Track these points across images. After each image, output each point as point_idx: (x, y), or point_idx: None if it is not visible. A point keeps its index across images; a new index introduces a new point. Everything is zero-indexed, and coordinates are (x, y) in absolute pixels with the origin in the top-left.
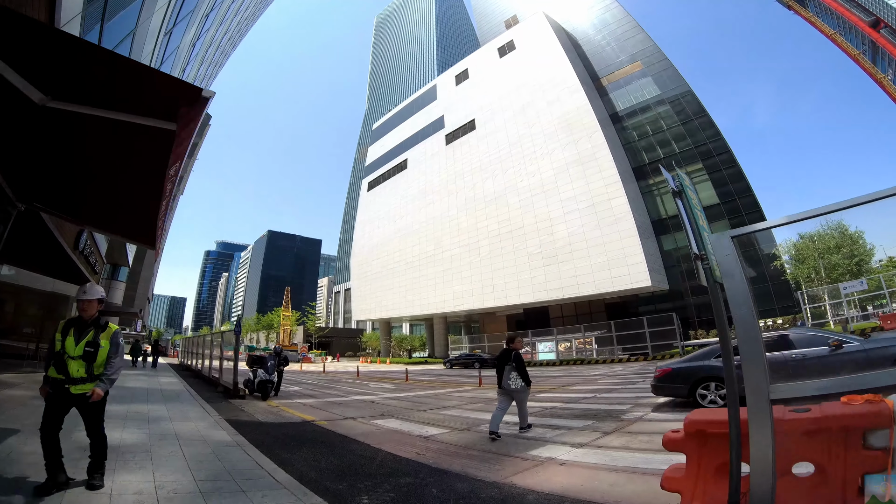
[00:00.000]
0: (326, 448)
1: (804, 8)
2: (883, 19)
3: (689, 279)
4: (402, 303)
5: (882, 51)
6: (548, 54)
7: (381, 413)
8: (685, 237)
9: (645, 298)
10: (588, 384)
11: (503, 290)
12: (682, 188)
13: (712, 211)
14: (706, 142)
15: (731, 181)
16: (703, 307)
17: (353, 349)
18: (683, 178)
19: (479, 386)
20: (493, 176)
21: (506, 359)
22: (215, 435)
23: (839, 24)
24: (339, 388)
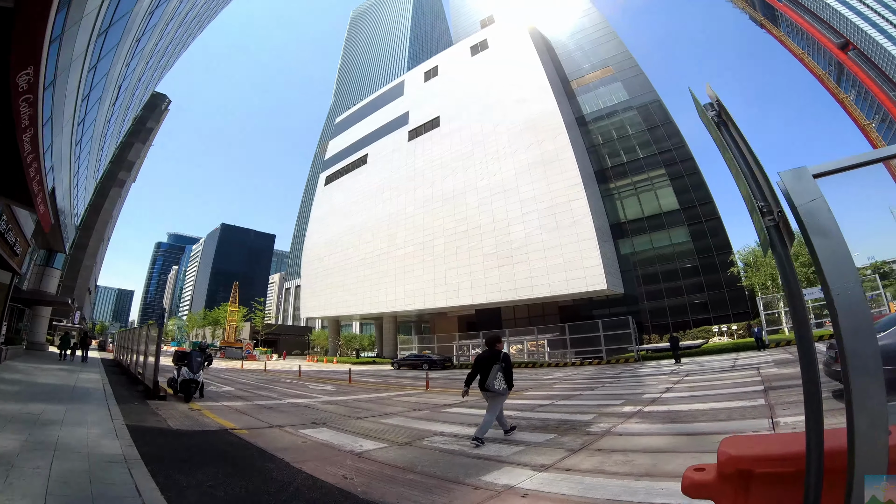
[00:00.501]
0: (235, 468)
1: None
2: (852, 42)
3: (644, 284)
4: (352, 300)
5: (847, 72)
6: (520, 55)
7: (313, 420)
8: (643, 241)
9: (599, 302)
10: (543, 389)
11: (455, 290)
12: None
13: (672, 216)
14: (671, 148)
15: (693, 188)
16: (657, 312)
17: (300, 347)
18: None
19: (427, 389)
20: (453, 174)
21: (494, 359)
22: (105, 446)
23: (808, 45)
24: (275, 390)
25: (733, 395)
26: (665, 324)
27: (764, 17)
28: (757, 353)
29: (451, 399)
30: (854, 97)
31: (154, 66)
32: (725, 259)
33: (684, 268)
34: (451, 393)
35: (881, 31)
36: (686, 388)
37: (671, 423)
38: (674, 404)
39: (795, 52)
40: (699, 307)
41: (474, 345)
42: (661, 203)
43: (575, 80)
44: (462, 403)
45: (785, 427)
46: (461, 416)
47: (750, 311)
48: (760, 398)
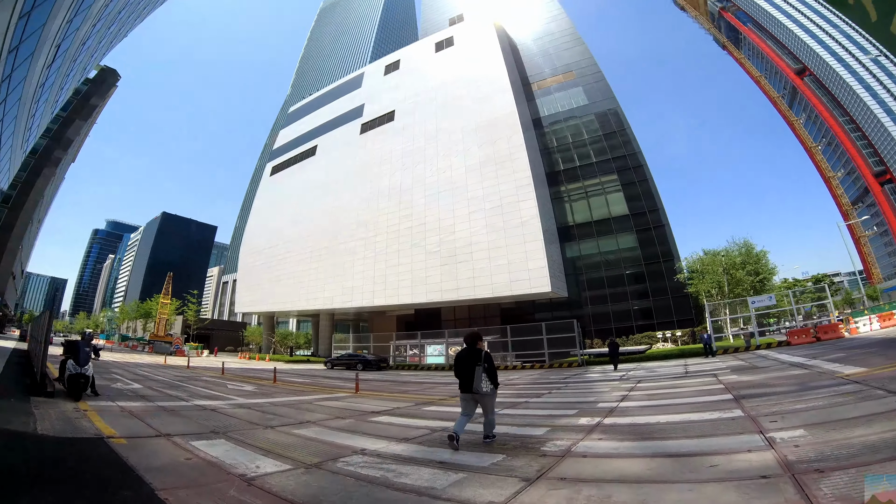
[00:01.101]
0: (78, 494)
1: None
2: (810, 68)
3: (589, 288)
4: (288, 296)
5: (801, 97)
6: (485, 54)
7: (212, 429)
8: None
9: (542, 305)
10: None
11: (396, 289)
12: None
13: (621, 222)
14: (624, 155)
15: (643, 196)
16: (600, 317)
17: (234, 344)
18: None
19: (356, 393)
20: (402, 169)
21: (475, 359)
22: None
23: (766, 68)
24: (188, 389)
25: (701, 405)
26: (608, 328)
27: (727, 40)
28: (705, 359)
29: (383, 405)
30: (804, 120)
31: (102, 32)
32: (671, 266)
33: (630, 273)
34: (384, 397)
35: (838, 59)
36: (644, 397)
37: (642, 439)
38: (636, 415)
39: (753, 75)
40: (643, 313)
41: (412, 345)
42: (610, 208)
43: (536, 83)
44: (393, 411)
45: (783, 444)
46: (390, 427)
47: (694, 318)
48: (735, 408)
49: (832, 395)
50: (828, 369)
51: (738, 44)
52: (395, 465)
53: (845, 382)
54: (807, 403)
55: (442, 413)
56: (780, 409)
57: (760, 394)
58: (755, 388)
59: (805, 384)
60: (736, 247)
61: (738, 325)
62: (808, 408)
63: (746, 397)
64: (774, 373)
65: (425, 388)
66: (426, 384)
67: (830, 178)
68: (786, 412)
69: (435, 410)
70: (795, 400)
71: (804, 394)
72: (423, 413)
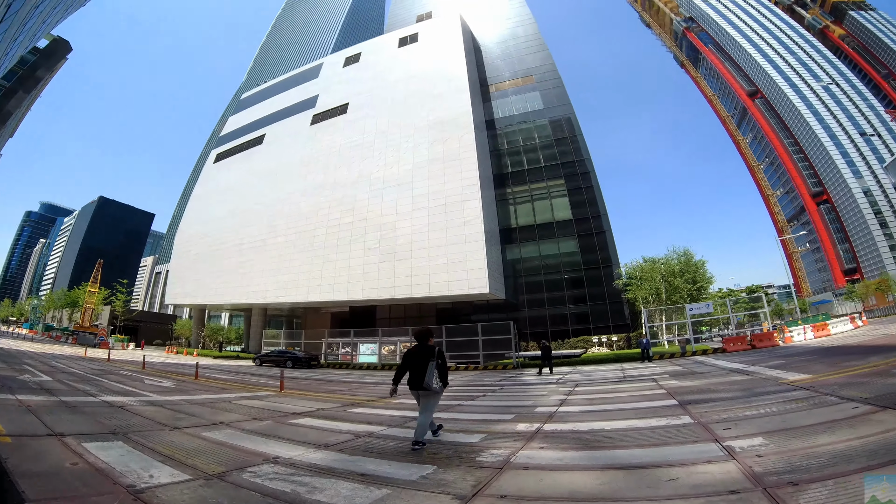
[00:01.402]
0: None
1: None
2: (762, 91)
3: (527, 291)
4: (221, 289)
5: (750, 117)
6: (447, 53)
7: (113, 428)
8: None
9: (479, 307)
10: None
11: (331, 285)
12: None
13: (564, 226)
14: (573, 161)
15: (588, 202)
16: (537, 320)
17: (164, 337)
18: None
19: (280, 392)
20: (349, 163)
21: (428, 355)
22: None
23: (720, 88)
24: (100, 384)
25: (645, 410)
26: (544, 332)
27: (686, 59)
28: (642, 364)
29: (306, 406)
30: (750, 140)
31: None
32: (610, 272)
33: (569, 278)
34: (309, 397)
35: (790, 84)
36: (584, 401)
37: (588, 448)
38: (578, 421)
39: (706, 93)
40: (580, 317)
41: (345, 343)
42: (554, 213)
43: (494, 85)
44: (316, 413)
45: (744, 454)
46: (310, 431)
47: (630, 324)
48: (682, 415)
49: (782, 401)
50: (770, 375)
51: (697, 63)
52: (309, 476)
53: (792, 388)
54: (757, 410)
55: (369, 416)
56: (732, 416)
57: (706, 399)
58: (699, 394)
59: (751, 390)
60: (676, 255)
61: (672, 332)
62: (760, 414)
63: (692, 403)
64: (716, 378)
65: (354, 389)
66: (356, 384)
67: (769, 196)
68: (738, 419)
69: (362, 413)
70: (745, 406)
71: (752, 400)
72: (349, 416)
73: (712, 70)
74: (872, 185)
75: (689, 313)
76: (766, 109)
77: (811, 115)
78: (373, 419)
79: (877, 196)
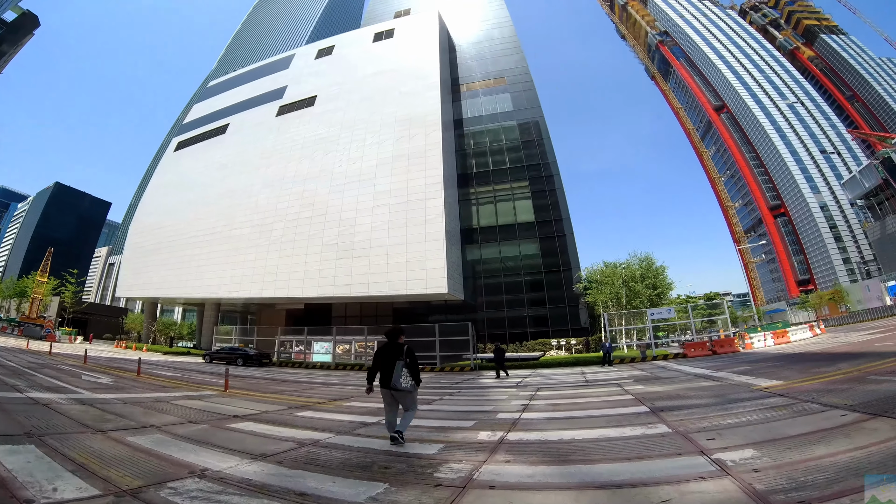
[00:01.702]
0: None
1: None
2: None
3: (486, 292)
4: (174, 282)
5: (714, 131)
6: (422, 49)
7: (29, 429)
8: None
9: (436, 307)
10: (368, 401)
11: (287, 281)
12: None
13: (526, 228)
14: (538, 164)
15: (552, 206)
16: (495, 322)
17: (115, 331)
18: None
19: (225, 391)
20: (312, 156)
21: (396, 354)
22: None
23: (688, 101)
24: (32, 378)
25: (616, 418)
26: (502, 334)
27: (657, 71)
28: (602, 368)
29: (250, 408)
30: (713, 153)
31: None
32: (571, 275)
33: (528, 280)
34: (255, 398)
35: (757, 101)
36: (548, 407)
37: (560, 462)
38: (545, 430)
39: (674, 106)
40: (539, 320)
41: (298, 341)
42: (517, 214)
43: (466, 84)
44: (259, 416)
45: (738, 468)
46: (249, 437)
47: (589, 328)
48: (657, 423)
49: (760, 408)
50: (740, 381)
51: (667, 76)
52: (237, 495)
53: (768, 395)
54: (738, 418)
55: (316, 421)
56: (712, 425)
57: (678, 406)
58: (670, 400)
59: (724, 396)
60: (637, 260)
61: (631, 337)
62: (741, 423)
63: (665, 410)
64: (684, 384)
65: (304, 389)
66: (306, 384)
67: (728, 208)
68: (719, 428)
69: (309, 417)
70: (722, 414)
71: (729, 407)
72: (294, 420)
73: (681, 83)
74: (829, 201)
75: (651, 318)
76: (731, 124)
77: (774, 132)
78: (320, 424)
79: (833, 211)
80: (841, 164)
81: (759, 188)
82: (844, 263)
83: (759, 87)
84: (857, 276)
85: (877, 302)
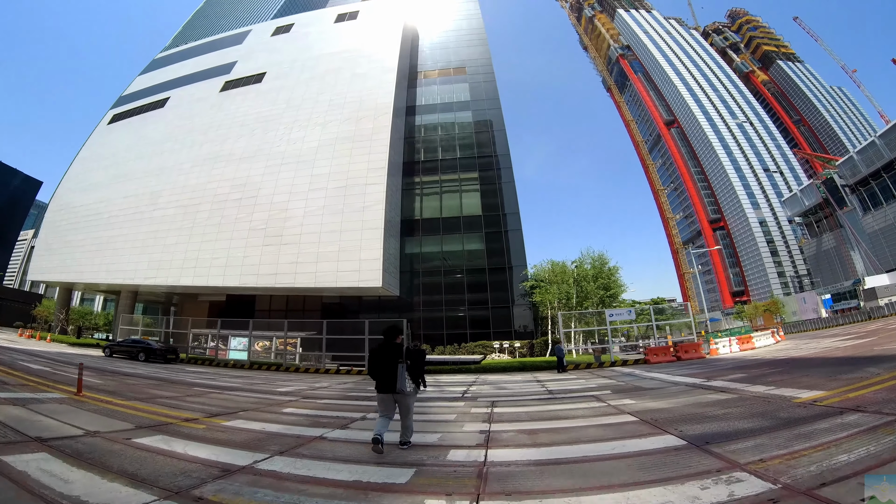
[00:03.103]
0: None
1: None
2: (679, 121)
3: (424, 288)
4: (89, 266)
5: (662, 144)
6: (383, 33)
7: None
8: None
9: (370, 304)
10: (267, 411)
11: (207, 268)
12: None
13: (472, 222)
14: (491, 155)
15: (503, 202)
16: (433, 322)
17: (27, 318)
18: None
19: (77, 395)
20: (250, 134)
21: (396, 354)
22: None
23: (639, 114)
24: None
25: (645, 461)
26: (440, 335)
27: (614, 83)
28: (558, 375)
29: (76, 424)
30: (659, 165)
31: None
32: (518, 273)
33: (471, 277)
34: (109, 407)
35: (707, 118)
36: (520, 437)
37: None
38: (542, 494)
39: (626, 118)
40: (480, 321)
41: (214, 335)
42: (463, 207)
43: (424, 72)
44: (62, 445)
45: None
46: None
47: (534, 330)
48: (729, 468)
49: (854, 432)
50: (764, 393)
51: (623, 89)
52: None
53: (833, 412)
54: (847, 453)
55: (145, 459)
56: (825, 468)
57: (719, 434)
58: (695, 424)
59: (771, 416)
60: (590, 258)
61: (578, 341)
62: (860, 460)
63: (711, 441)
64: (684, 397)
65: (187, 396)
66: (199, 388)
67: (669, 219)
68: (838, 474)
69: (146, 447)
70: (810, 447)
71: (801, 433)
72: (120, 452)
73: (636, 97)
74: (768, 217)
75: (609, 319)
76: (680, 139)
77: (722, 149)
78: (181, 455)
79: (771, 227)
80: (782, 182)
81: (701, 202)
82: (779, 277)
83: (712, 105)
84: (791, 289)
85: (812, 314)
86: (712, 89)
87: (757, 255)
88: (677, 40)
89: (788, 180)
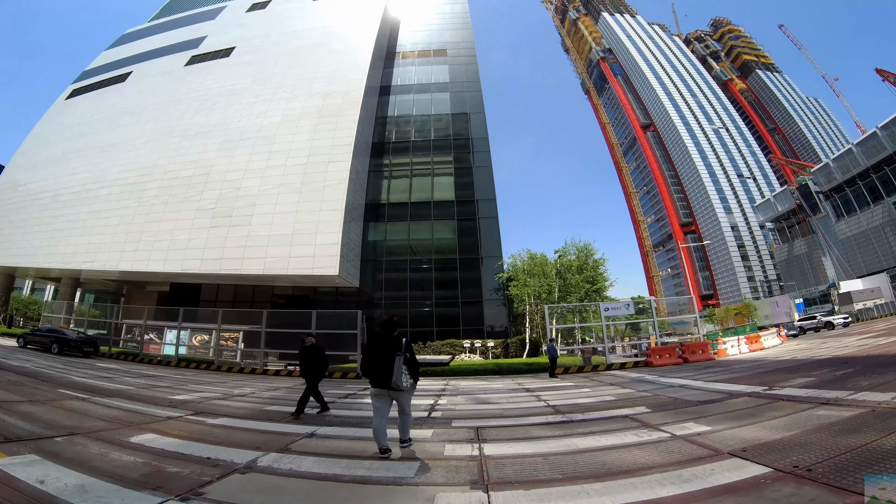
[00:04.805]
0: None
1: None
2: (656, 125)
3: (387, 280)
4: (28, 248)
5: (637, 147)
6: (364, 10)
7: None
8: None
9: (326, 295)
10: (101, 440)
11: (148, 252)
12: None
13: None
14: (467, 137)
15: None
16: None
17: None
18: None
19: None
20: (211, 108)
21: (394, 349)
22: None
23: (616, 117)
24: None
25: None
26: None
27: (593, 86)
28: (551, 381)
29: None
30: (633, 168)
31: None
32: (491, 265)
33: (440, 268)
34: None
35: (684, 123)
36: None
37: None
38: None
39: (602, 120)
40: (448, 318)
41: (150, 327)
42: (434, 191)
43: (402, 52)
44: None
45: None
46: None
47: (509, 328)
48: None
49: None
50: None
51: (601, 92)
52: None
53: None
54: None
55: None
56: None
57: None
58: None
59: None
60: (574, 248)
61: (565, 339)
62: None
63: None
64: (783, 416)
65: (24, 402)
66: (70, 389)
67: (641, 222)
68: None
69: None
70: None
71: None
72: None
73: (614, 100)
74: (740, 222)
75: (605, 314)
76: (655, 142)
77: (697, 153)
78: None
79: (742, 232)
80: (755, 188)
81: (673, 205)
82: (749, 281)
83: (689, 111)
84: (760, 293)
85: (785, 317)
86: (691, 95)
87: (727, 260)
88: (659, 46)
89: (761, 186)
